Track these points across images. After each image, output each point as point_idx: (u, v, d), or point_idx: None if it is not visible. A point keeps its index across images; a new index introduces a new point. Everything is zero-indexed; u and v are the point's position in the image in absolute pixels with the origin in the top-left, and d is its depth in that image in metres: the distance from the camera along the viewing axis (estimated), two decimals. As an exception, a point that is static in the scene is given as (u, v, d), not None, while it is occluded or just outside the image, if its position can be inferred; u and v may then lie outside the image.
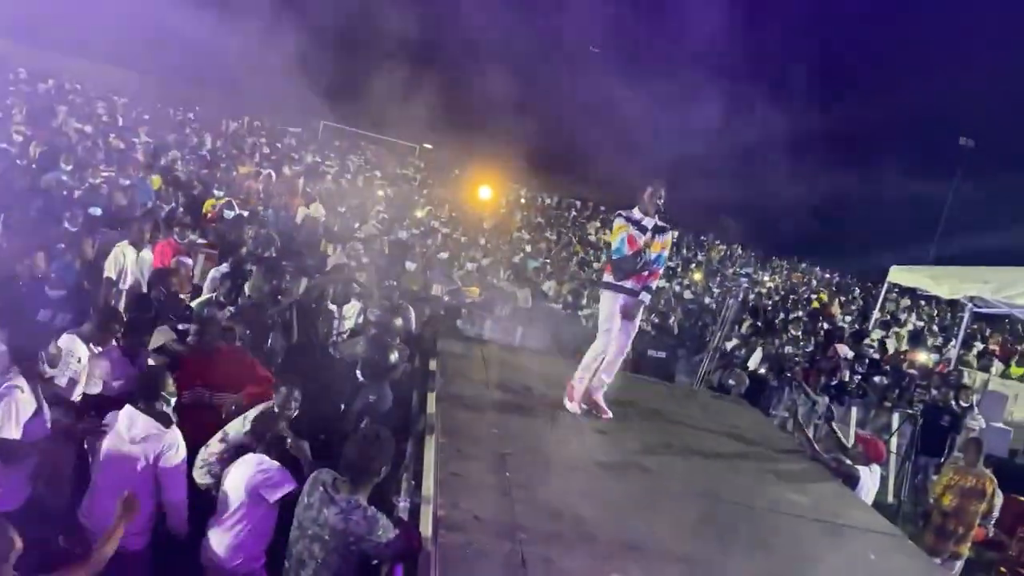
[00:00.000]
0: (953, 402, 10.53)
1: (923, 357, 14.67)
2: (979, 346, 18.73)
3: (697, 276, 23.59)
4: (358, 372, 5.95)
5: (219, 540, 4.13)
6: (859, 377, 11.32)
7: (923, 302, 26.25)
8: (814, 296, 25.58)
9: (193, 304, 6.94)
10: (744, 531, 4.51)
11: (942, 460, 9.92)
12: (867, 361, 12.53)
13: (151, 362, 5.47)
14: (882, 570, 4.52)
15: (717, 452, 5.81)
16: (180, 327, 6.15)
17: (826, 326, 16.59)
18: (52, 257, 7.12)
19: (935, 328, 21.29)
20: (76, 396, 4.92)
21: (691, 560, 3.95)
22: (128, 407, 4.23)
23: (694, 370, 9.61)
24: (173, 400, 4.39)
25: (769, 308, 18.42)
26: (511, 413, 5.69)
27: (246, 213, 11.53)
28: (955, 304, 18.54)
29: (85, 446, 4.53)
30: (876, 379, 11.90)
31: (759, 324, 12.30)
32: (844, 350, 11.37)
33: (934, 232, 34.33)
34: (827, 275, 35.06)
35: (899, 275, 14.90)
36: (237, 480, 4.11)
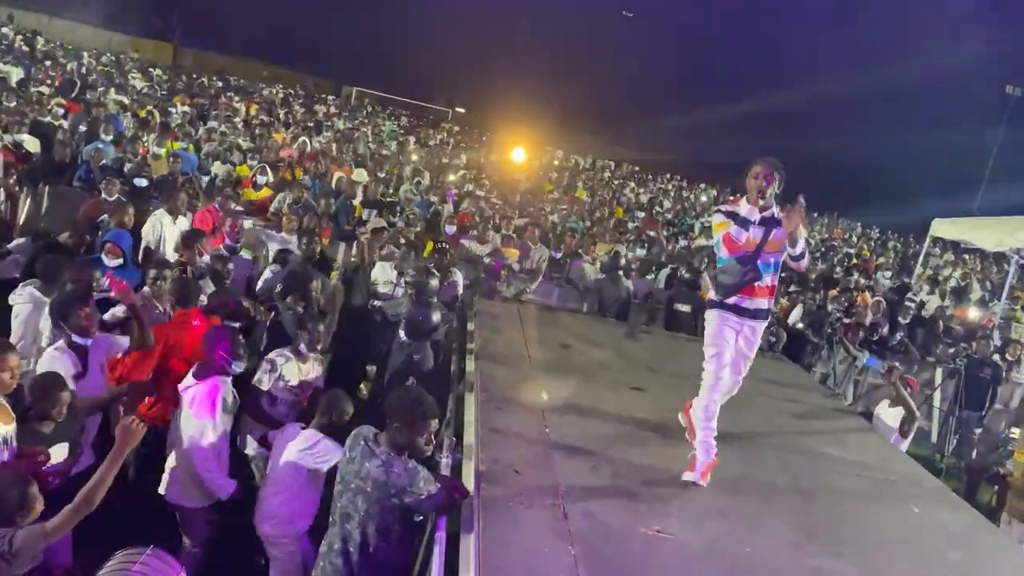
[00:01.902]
0: (998, 356, 10.36)
1: (974, 314, 14.40)
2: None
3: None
4: (401, 332, 6.06)
5: (270, 506, 4.32)
6: (901, 334, 11.17)
7: (967, 255, 25.69)
8: (854, 252, 25.16)
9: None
10: (784, 485, 4.53)
11: (983, 413, 9.81)
12: (911, 316, 12.36)
13: None
14: (925, 523, 4.50)
15: (757, 408, 5.78)
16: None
17: (864, 282, 16.35)
18: (98, 228, 7.31)
19: (978, 282, 20.80)
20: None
21: (730, 514, 3.97)
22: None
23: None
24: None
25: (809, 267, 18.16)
26: (550, 371, 5.74)
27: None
28: (1001, 257, 18.13)
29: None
30: (919, 334, 11.75)
31: (798, 280, 12.15)
32: (880, 304, 11.20)
33: (979, 184, 33.40)
34: (868, 231, 34.35)
35: (942, 228, 14.55)
36: (290, 451, 4.27)
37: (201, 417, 4.31)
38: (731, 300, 4.30)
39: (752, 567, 3.46)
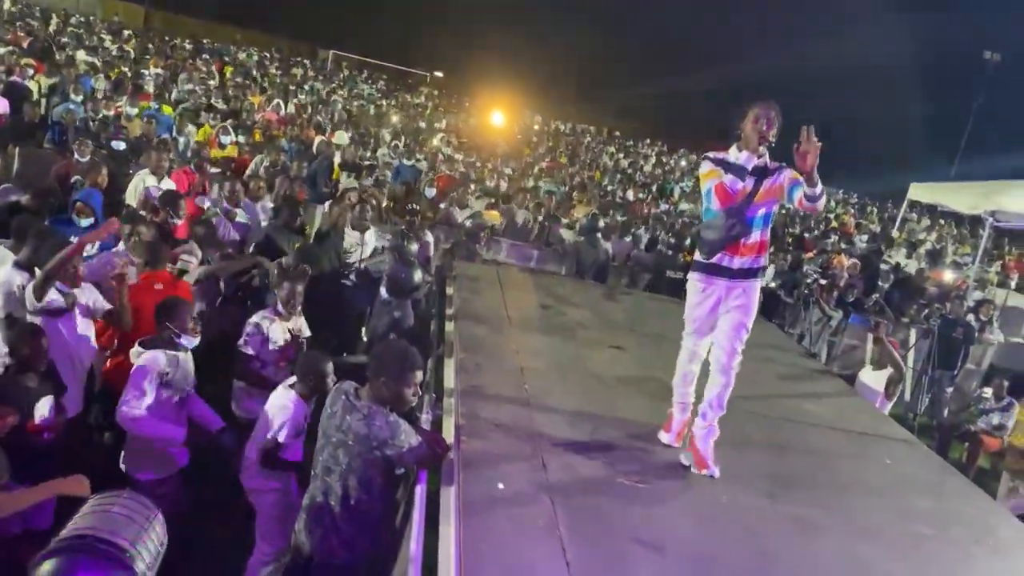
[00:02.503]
0: (972, 316, 10.53)
1: (949, 276, 14.61)
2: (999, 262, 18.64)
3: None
4: (383, 290, 6.06)
5: (250, 458, 4.31)
6: (876, 295, 11.32)
7: (943, 220, 25.98)
8: (832, 216, 25.36)
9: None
10: (760, 438, 4.60)
11: (955, 373, 10.00)
12: (890, 279, 12.53)
13: None
14: (897, 473, 4.60)
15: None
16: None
17: (843, 245, 16.51)
18: (72, 188, 7.19)
19: (953, 246, 21.07)
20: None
21: (707, 465, 4.02)
22: None
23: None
24: None
25: (786, 227, 18.31)
26: (529, 331, 5.76)
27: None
28: (976, 220, 18.36)
29: None
30: (895, 296, 11.92)
31: (772, 241, 12.26)
32: (856, 266, 11.34)
33: (957, 150, 33.64)
34: (847, 196, 34.61)
35: (919, 191, 14.70)
36: (274, 406, 4.27)
37: (130, 391, 4.19)
38: (715, 259, 3.86)
39: (729, 515, 3.52)
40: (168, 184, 7.82)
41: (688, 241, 11.75)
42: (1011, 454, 7.53)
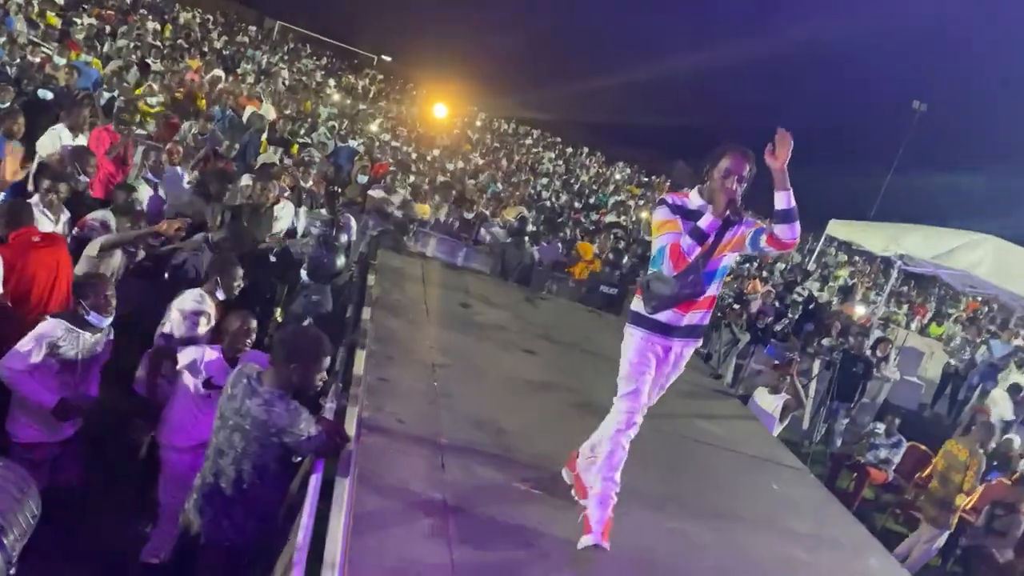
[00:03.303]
0: (869, 352, 11.04)
1: (860, 311, 15.30)
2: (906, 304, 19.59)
3: (644, 215, 23.79)
4: (304, 272, 6.00)
5: (165, 413, 4.38)
6: (785, 323, 11.75)
7: (857, 257, 27.10)
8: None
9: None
10: (657, 455, 4.71)
11: (852, 405, 10.48)
12: (800, 310, 13.02)
13: None
14: (782, 498, 4.80)
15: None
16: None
17: (759, 274, 17.08)
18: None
19: (865, 284, 22.03)
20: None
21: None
22: None
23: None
24: None
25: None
26: (446, 328, 5.77)
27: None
28: (888, 261, 19.23)
29: None
30: (807, 327, 12.39)
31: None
32: (771, 294, 11.76)
33: (879, 191, 35.14)
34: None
35: (837, 228, 15.30)
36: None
37: (20, 346, 4.08)
38: (661, 316, 3.40)
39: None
40: (84, 141, 7.53)
41: (626, 259, 11.93)
42: (930, 503, 7.77)
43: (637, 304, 3.48)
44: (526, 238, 9.77)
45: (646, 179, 33.77)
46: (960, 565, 8.23)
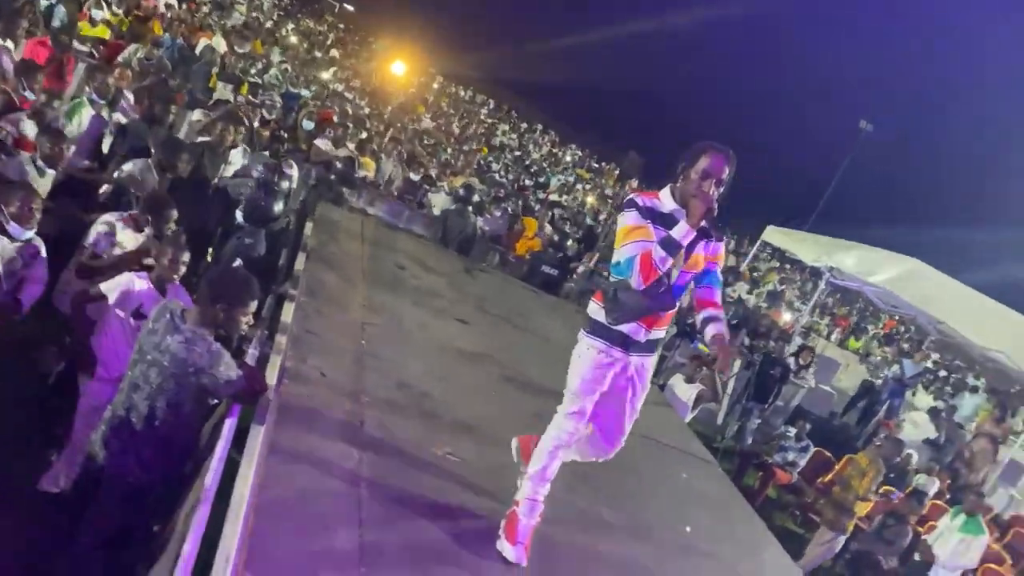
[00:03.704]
0: (792, 358, 11.39)
1: (787, 317, 15.77)
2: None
3: (590, 199, 24.00)
4: (239, 214, 5.85)
5: (95, 347, 4.18)
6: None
7: (788, 265, 27.87)
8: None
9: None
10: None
11: (765, 407, 10.81)
12: (731, 310, 13.34)
13: None
14: (690, 488, 4.95)
15: (566, 361, 6.06)
16: None
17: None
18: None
19: (792, 291, 22.68)
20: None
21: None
22: None
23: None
24: None
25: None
26: (379, 287, 5.73)
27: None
28: (817, 272, 19.85)
29: None
30: (731, 326, 12.70)
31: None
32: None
33: (817, 204, 36.09)
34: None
35: (773, 235, 15.72)
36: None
37: None
38: (624, 327, 3.15)
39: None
40: (11, 47, 7.13)
41: (570, 241, 11.97)
42: (829, 507, 7.92)
43: (596, 312, 3.19)
44: (470, 207, 9.70)
45: (596, 165, 33.99)
46: (848, 568, 8.60)
